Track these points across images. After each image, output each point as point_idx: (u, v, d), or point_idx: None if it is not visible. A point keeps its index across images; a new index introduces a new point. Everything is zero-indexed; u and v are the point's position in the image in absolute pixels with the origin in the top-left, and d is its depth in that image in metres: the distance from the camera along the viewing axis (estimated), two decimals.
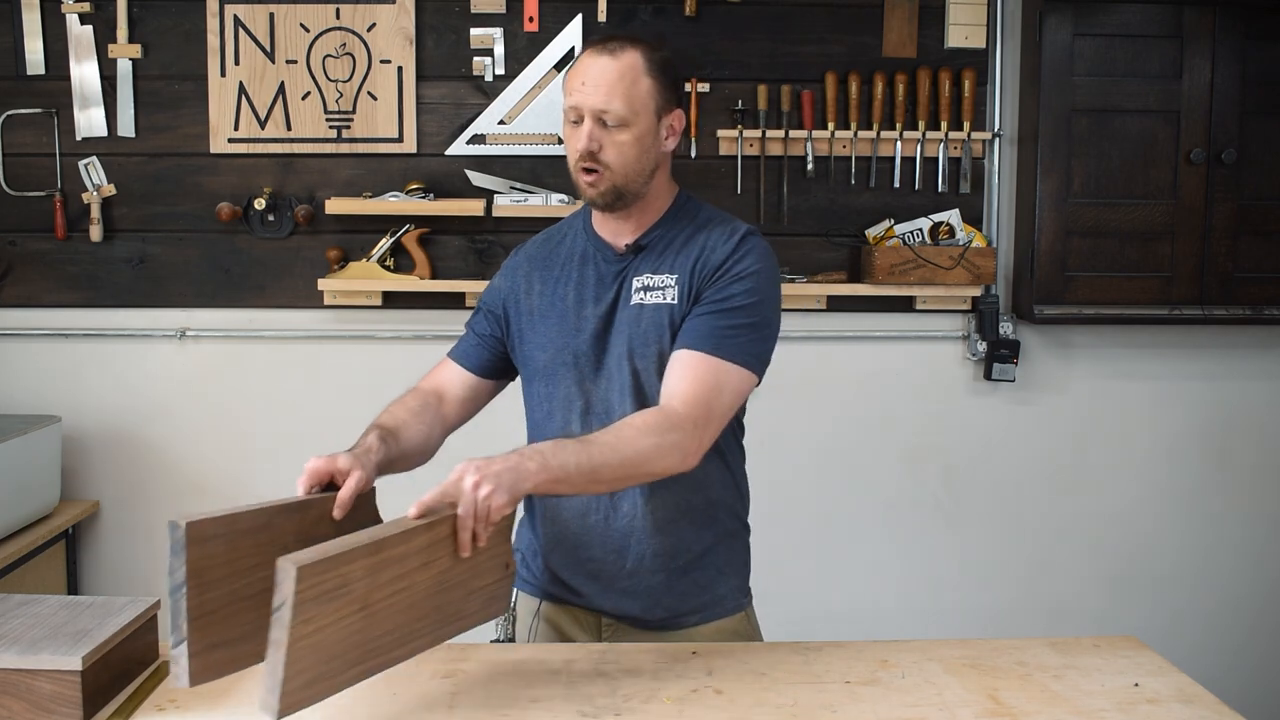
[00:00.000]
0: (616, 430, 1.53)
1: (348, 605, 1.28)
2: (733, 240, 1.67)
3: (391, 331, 2.99)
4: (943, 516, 3.11)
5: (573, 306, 1.71)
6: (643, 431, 1.52)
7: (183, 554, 1.26)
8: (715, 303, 1.63)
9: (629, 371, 1.66)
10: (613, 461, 1.49)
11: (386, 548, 1.32)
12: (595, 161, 1.62)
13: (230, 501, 1.44)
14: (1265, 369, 3.14)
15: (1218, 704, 1.46)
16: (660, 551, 1.70)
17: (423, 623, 1.40)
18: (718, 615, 1.76)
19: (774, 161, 2.98)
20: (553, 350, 1.71)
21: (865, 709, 1.43)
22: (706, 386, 1.58)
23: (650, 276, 1.68)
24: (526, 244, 1.85)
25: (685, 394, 1.57)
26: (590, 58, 1.63)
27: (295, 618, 1.21)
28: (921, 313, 3.04)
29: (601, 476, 1.49)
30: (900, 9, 2.97)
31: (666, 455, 1.53)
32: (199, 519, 1.29)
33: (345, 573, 1.27)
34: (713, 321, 1.62)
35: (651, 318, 1.66)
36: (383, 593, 1.33)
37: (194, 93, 2.93)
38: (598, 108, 1.61)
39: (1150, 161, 2.91)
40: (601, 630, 1.75)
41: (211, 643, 1.30)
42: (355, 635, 1.30)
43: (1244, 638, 3.19)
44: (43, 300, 2.97)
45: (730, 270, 1.64)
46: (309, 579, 1.22)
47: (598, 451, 1.48)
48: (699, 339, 1.61)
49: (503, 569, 1.51)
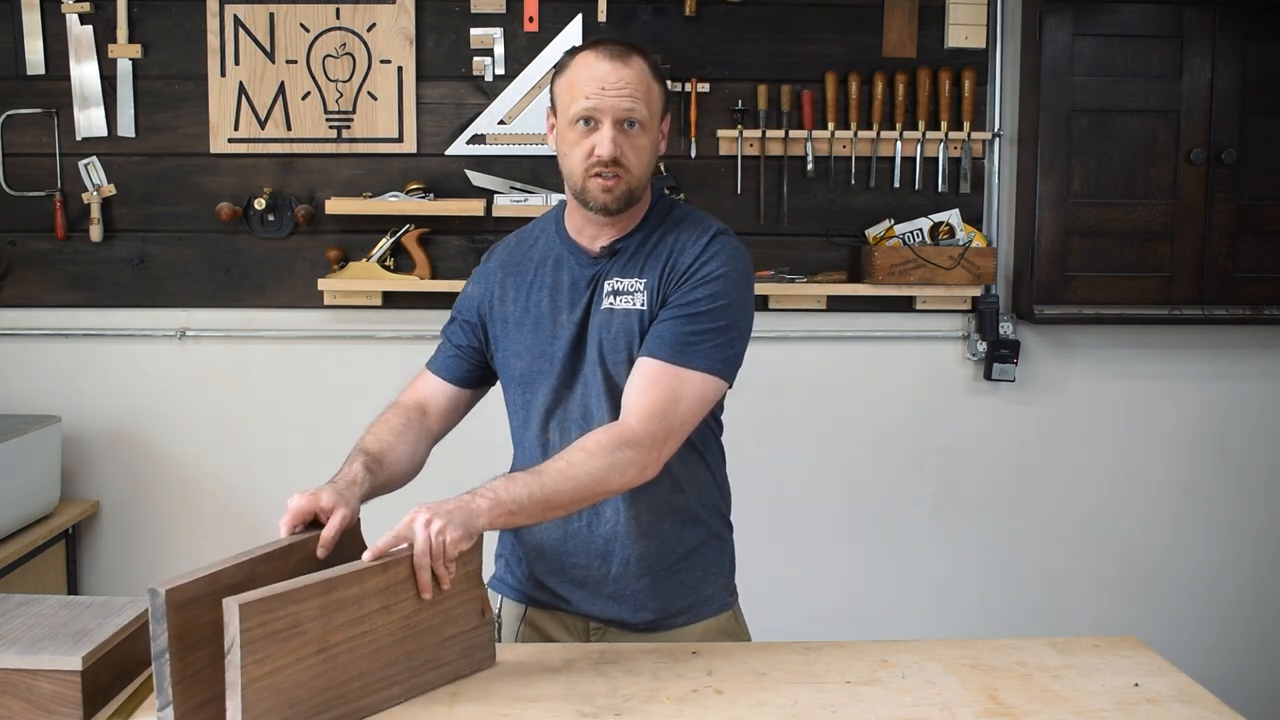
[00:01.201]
0: (568, 455, 1.54)
1: (304, 646, 1.30)
2: (701, 241, 1.66)
3: (391, 331, 2.99)
4: (942, 516, 3.11)
5: (548, 313, 1.70)
6: (594, 454, 1.52)
7: (164, 620, 1.25)
8: (679, 307, 1.62)
9: (602, 377, 1.66)
10: (566, 488, 1.50)
11: (339, 587, 1.34)
12: (618, 166, 1.60)
13: (230, 501, 1.44)
14: (1265, 369, 3.13)
15: (1218, 704, 1.46)
16: (644, 555, 1.69)
17: (392, 670, 1.41)
18: (705, 615, 1.76)
19: (774, 161, 2.98)
20: (529, 358, 1.70)
21: (865, 709, 1.43)
22: (664, 397, 1.58)
23: (620, 280, 1.67)
24: (497, 248, 1.83)
25: (641, 408, 1.57)
26: (599, 62, 1.61)
27: (246, 658, 1.23)
28: (921, 313, 3.04)
29: (557, 503, 1.51)
30: (900, 9, 2.97)
31: (623, 472, 1.54)
32: (179, 584, 1.28)
33: (295, 612, 1.28)
34: (676, 328, 1.61)
35: (621, 323, 1.65)
36: (341, 635, 1.34)
37: (194, 93, 2.93)
38: (624, 112, 1.60)
39: (1150, 161, 2.91)
40: (589, 634, 1.75)
41: (198, 702, 1.30)
42: (318, 679, 1.31)
43: (1244, 638, 3.19)
44: (43, 300, 2.97)
45: (697, 273, 1.63)
46: (255, 617, 1.24)
47: (549, 480, 1.50)
48: (660, 346, 1.60)
49: (478, 616, 1.51)
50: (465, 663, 1.50)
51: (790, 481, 3.06)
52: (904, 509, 3.10)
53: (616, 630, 1.73)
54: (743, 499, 1.90)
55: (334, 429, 3.00)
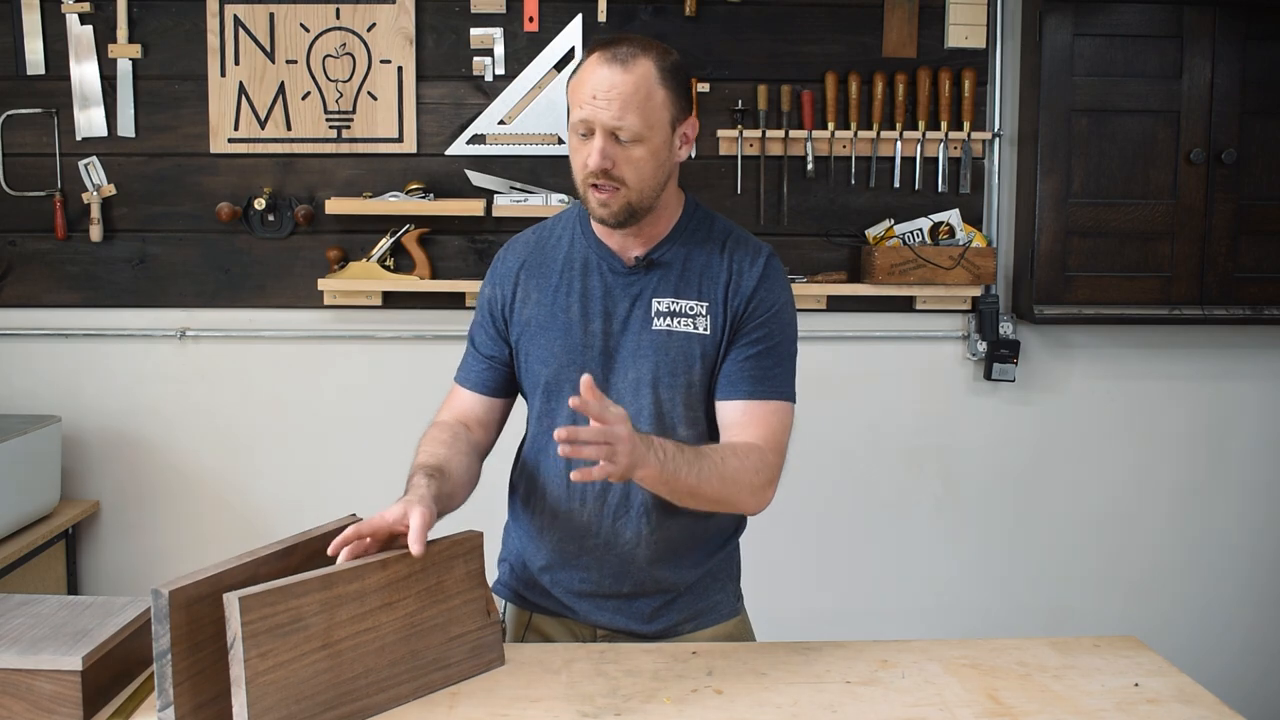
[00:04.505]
0: (723, 453, 1.53)
1: (307, 642, 1.30)
2: (758, 265, 1.64)
3: (391, 331, 2.99)
4: (942, 516, 3.11)
5: (578, 319, 1.64)
6: (745, 464, 1.54)
7: (166, 621, 1.25)
8: (755, 342, 1.62)
9: (650, 400, 1.62)
10: (715, 483, 1.50)
11: (338, 582, 1.34)
12: (609, 179, 1.54)
13: (231, 501, 1.44)
14: (1265, 369, 3.14)
15: (1218, 704, 1.46)
16: (660, 577, 1.69)
17: (399, 668, 1.41)
18: (713, 622, 1.75)
19: (774, 161, 2.98)
20: (556, 365, 1.65)
21: (865, 709, 1.43)
22: (772, 432, 1.60)
23: (675, 301, 1.62)
24: (513, 246, 1.74)
25: (763, 442, 1.58)
26: (599, 67, 1.53)
27: (249, 651, 1.24)
28: (921, 313, 3.04)
29: (700, 493, 1.51)
30: (900, 9, 2.97)
31: (755, 494, 1.56)
32: (182, 585, 1.27)
33: (296, 606, 1.29)
34: (759, 364, 1.61)
35: (681, 347, 1.61)
36: (344, 631, 1.34)
37: (194, 93, 2.93)
38: (612, 124, 1.51)
39: (1150, 161, 2.91)
40: (596, 640, 1.74)
41: (199, 702, 1.30)
42: (323, 675, 1.32)
43: (1244, 638, 3.19)
44: (43, 300, 2.97)
45: (763, 301, 1.63)
46: (255, 610, 1.25)
47: (705, 469, 1.49)
48: (754, 386, 1.61)
49: (483, 615, 1.51)
50: (474, 663, 1.51)
51: (790, 481, 3.02)
52: (904, 509, 3.10)
53: (624, 637, 1.72)
54: None
55: (334, 429, 3.01)
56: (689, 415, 1.64)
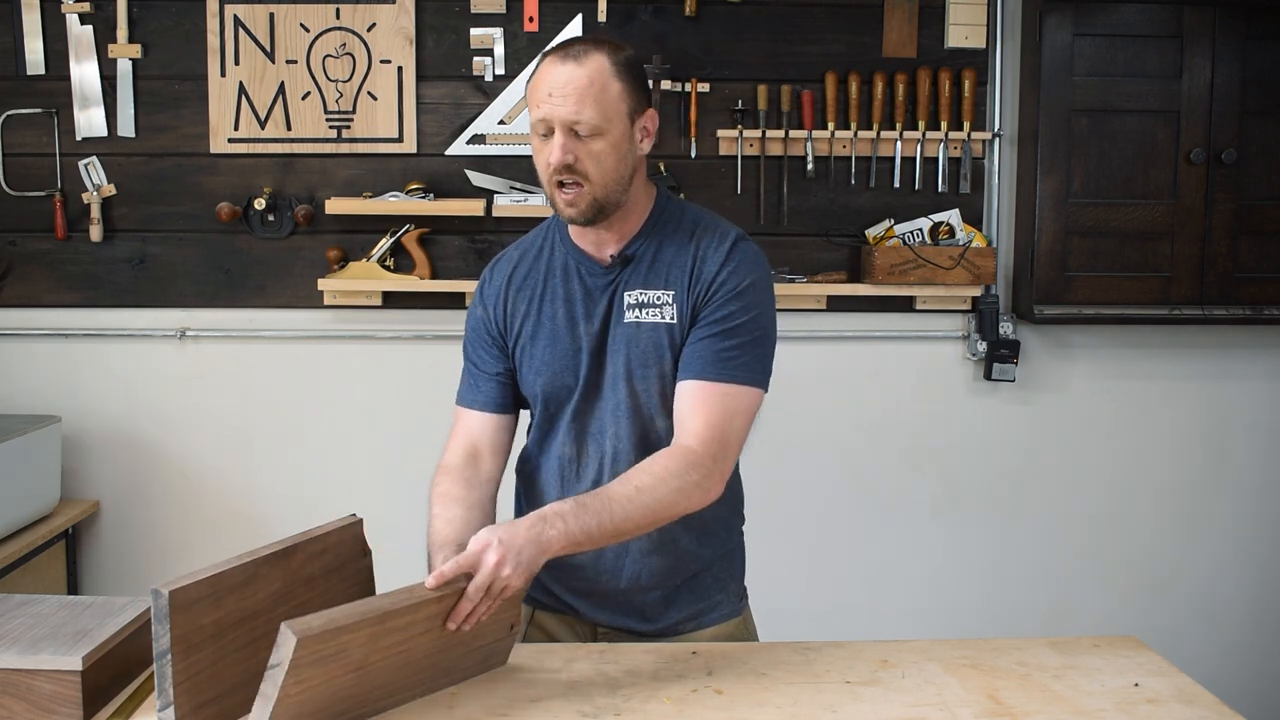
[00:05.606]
0: (635, 480, 1.51)
1: (343, 668, 1.30)
2: (723, 249, 1.62)
3: (391, 331, 2.99)
4: (942, 516, 3.11)
5: (565, 325, 1.65)
6: (661, 479, 1.51)
7: (166, 621, 1.25)
8: (714, 324, 1.59)
9: (626, 392, 1.63)
10: (635, 515, 1.48)
11: (392, 618, 1.33)
12: (572, 174, 1.54)
13: (231, 501, 1.44)
14: (1265, 369, 3.13)
15: (1218, 704, 1.46)
16: (657, 570, 1.68)
17: (417, 678, 1.42)
18: (715, 621, 1.75)
19: (774, 161, 2.98)
20: (549, 373, 1.66)
21: (865, 709, 1.43)
22: (719, 416, 1.56)
23: (643, 292, 1.62)
24: (496, 266, 1.75)
25: (699, 430, 1.55)
26: (553, 66, 1.54)
27: (289, 679, 1.23)
28: (921, 313, 3.04)
29: (625, 530, 1.49)
30: (900, 9, 2.97)
31: (690, 496, 1.53)
32: (182, 585, 1.27)
33: (345, 641, 1.28)
34: (715, 345, 1.58)
35: (650, 337, 1.62)
36: (380, 655, 1.34)
37: (194, 93, 2.93)
38: (569, 118, 1.52)
39: (1150, 161, 2.91)
40: (596, 638, 1.74)
41: (198, 702, 1.30)
42: (346, 691, 1.32)
43: (1244, 638, 3.19)
44: (43, 300, 2.97)
45: (725, 285, 1.60)
46: (309, 646, 1.23)
47: (619, 509, 1.47)
48: (704, 366, 1.58)
49: (507, 629, 1.51)
50: (481, 667, 1.51)
51: (790, 481, 3.06)
52: (904, 509, 3.10)
53: (625, 635, 1.72)
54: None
55: (334, 429, 3.01)
56: (665, 406, 1.64)
